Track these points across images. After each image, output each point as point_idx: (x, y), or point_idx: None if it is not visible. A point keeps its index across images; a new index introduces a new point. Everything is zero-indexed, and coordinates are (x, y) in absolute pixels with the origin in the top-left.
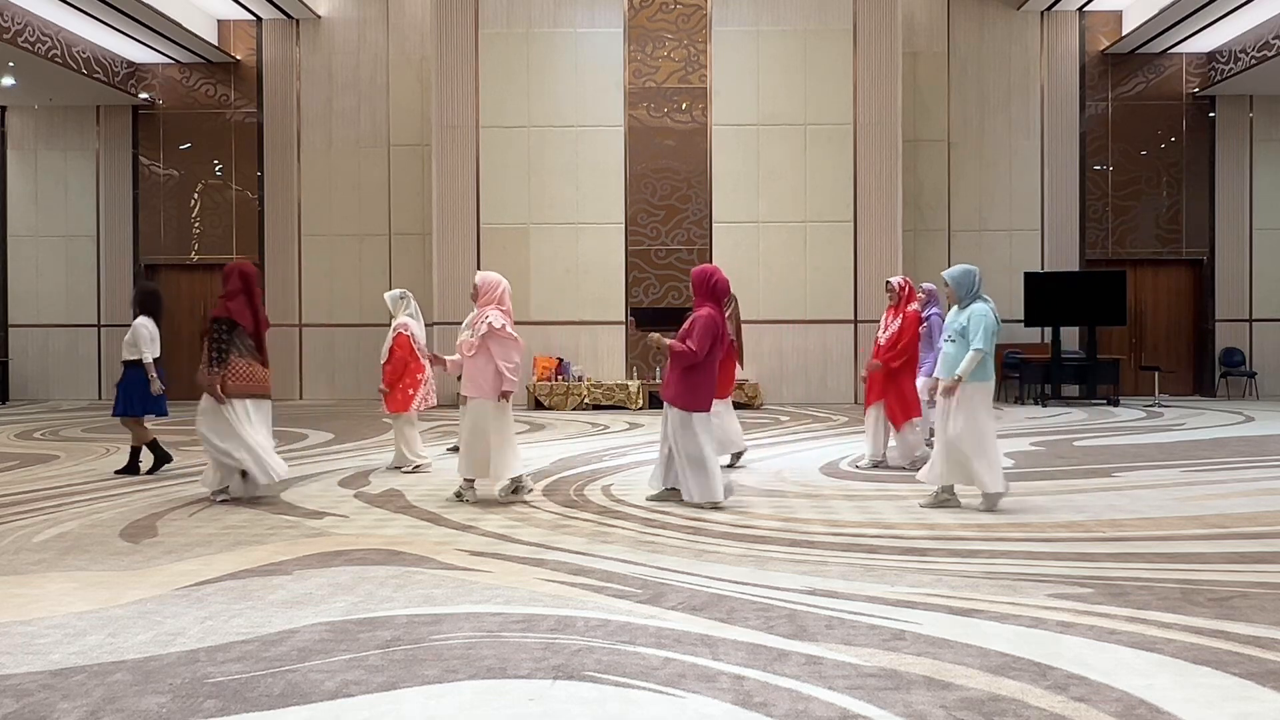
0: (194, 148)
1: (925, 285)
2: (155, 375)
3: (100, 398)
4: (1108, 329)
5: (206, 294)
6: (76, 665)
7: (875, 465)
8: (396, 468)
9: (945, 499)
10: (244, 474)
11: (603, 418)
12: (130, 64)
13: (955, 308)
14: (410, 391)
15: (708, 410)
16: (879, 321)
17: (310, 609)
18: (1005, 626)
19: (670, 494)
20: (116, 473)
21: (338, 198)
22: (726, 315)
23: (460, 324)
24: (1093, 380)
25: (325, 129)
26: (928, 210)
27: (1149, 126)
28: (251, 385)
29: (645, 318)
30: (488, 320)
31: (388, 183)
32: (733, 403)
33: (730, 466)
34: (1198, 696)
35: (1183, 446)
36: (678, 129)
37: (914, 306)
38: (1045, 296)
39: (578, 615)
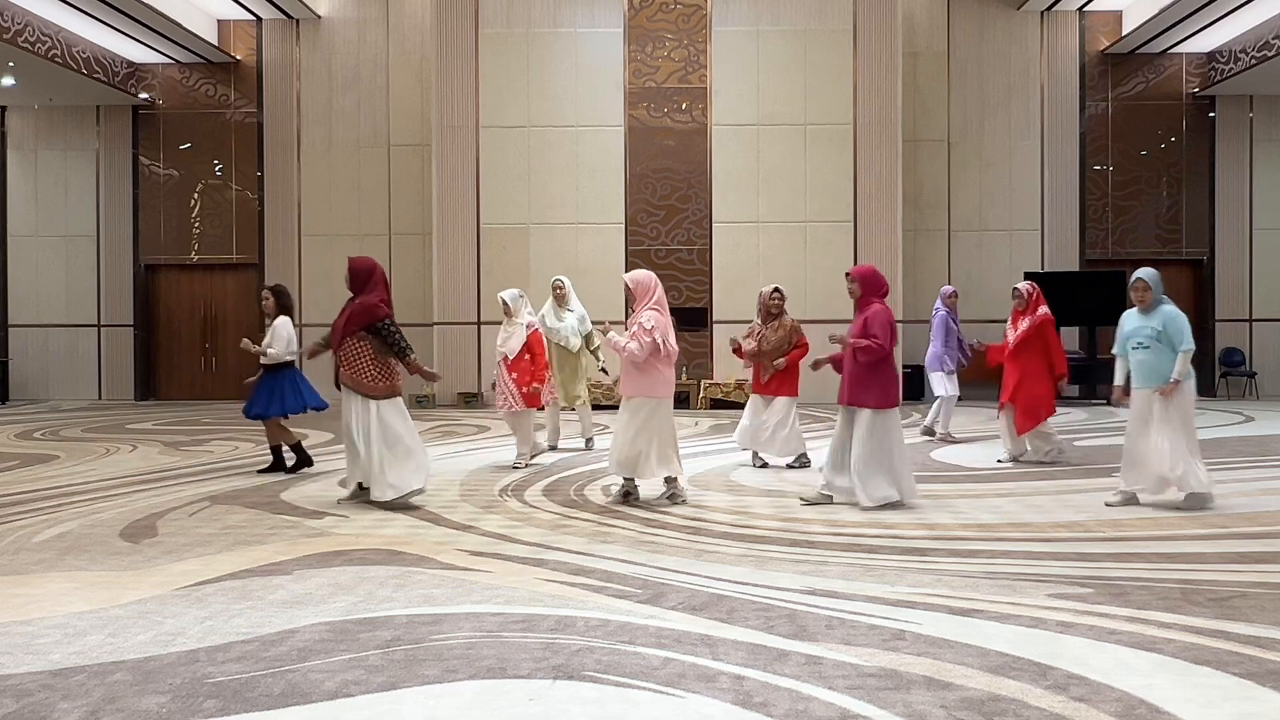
0: (194, 148)
1: (945, 288)
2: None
3: (100, 398)
4: (1108, 329)
5: (207, 294)
6: (76, 665)
7: (1015, 460)
8: (538, 453)
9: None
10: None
11: (603, 417)
12: (130, 64)
13: (1136, 310)
14: (539, 387)
15: (896, 405)
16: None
17: (310, 609)
18: (1005, 626)
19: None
20: (260, 471)
21: (338, 198)
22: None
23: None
24: (1093, 380)
25: (325, 129)
26: (928, 210)
27: (1149, 126)
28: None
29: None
30: (639, 322)
31: (388, 183)
32: (732, 403)
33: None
34: (1198, 696)
35: None
36: (678, 129)
37: (1044, 309)
38: (1045, 296)
39: (578, 615)
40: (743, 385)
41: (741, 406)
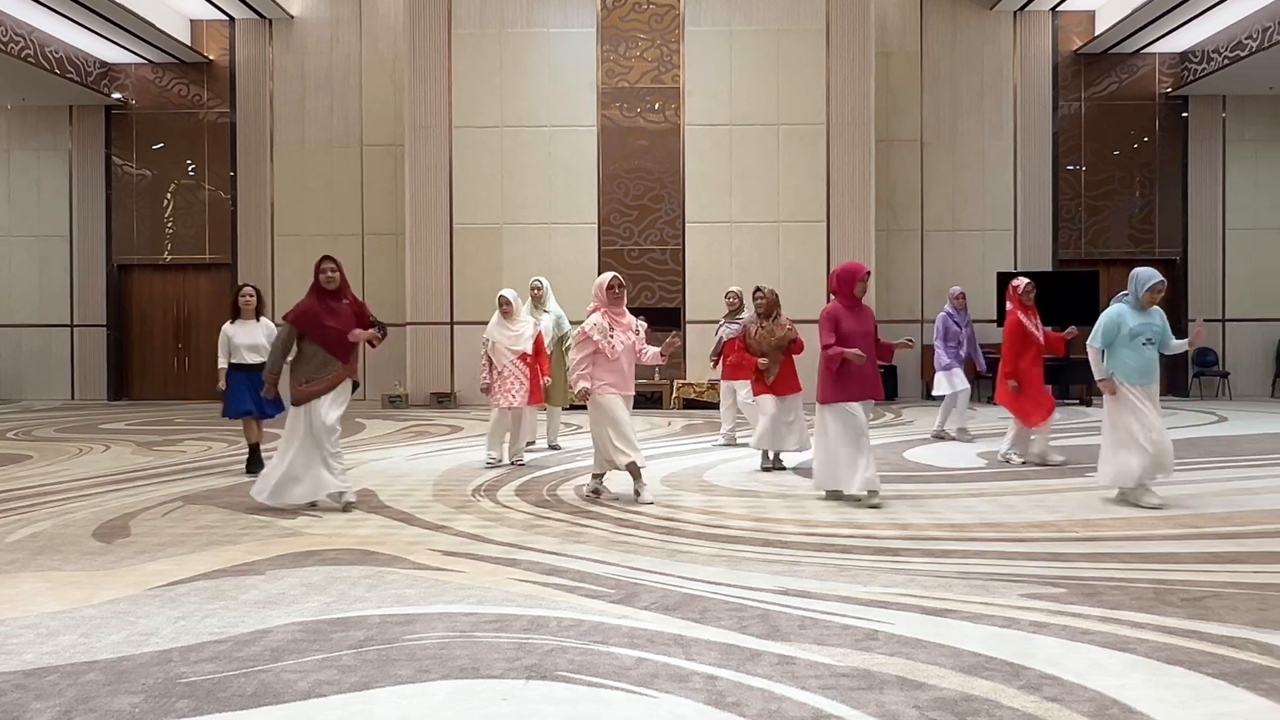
0: (167, 148)
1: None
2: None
3: (73, 398)
4: (1082, 328)
5: (180, 294)
6: (49, 665)
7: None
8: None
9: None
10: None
11: (575, 418)
12: (103, 64)
13: (1130, 308)
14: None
15: (835, 401)
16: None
17: (283, 609)
18: (978, 627)
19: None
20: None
21: (311, 198)
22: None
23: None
24: (1065, 380)
25: (298, 129)
26: (901, 210)
27: (1122, 126)
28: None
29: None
30: (639, 324)
31: (361, 183)
32: (704, 403)
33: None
34: (1170, 696)
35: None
36: (650, 129)
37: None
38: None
39: (551, 615)
40: (716, 386)
41: (713, 406)
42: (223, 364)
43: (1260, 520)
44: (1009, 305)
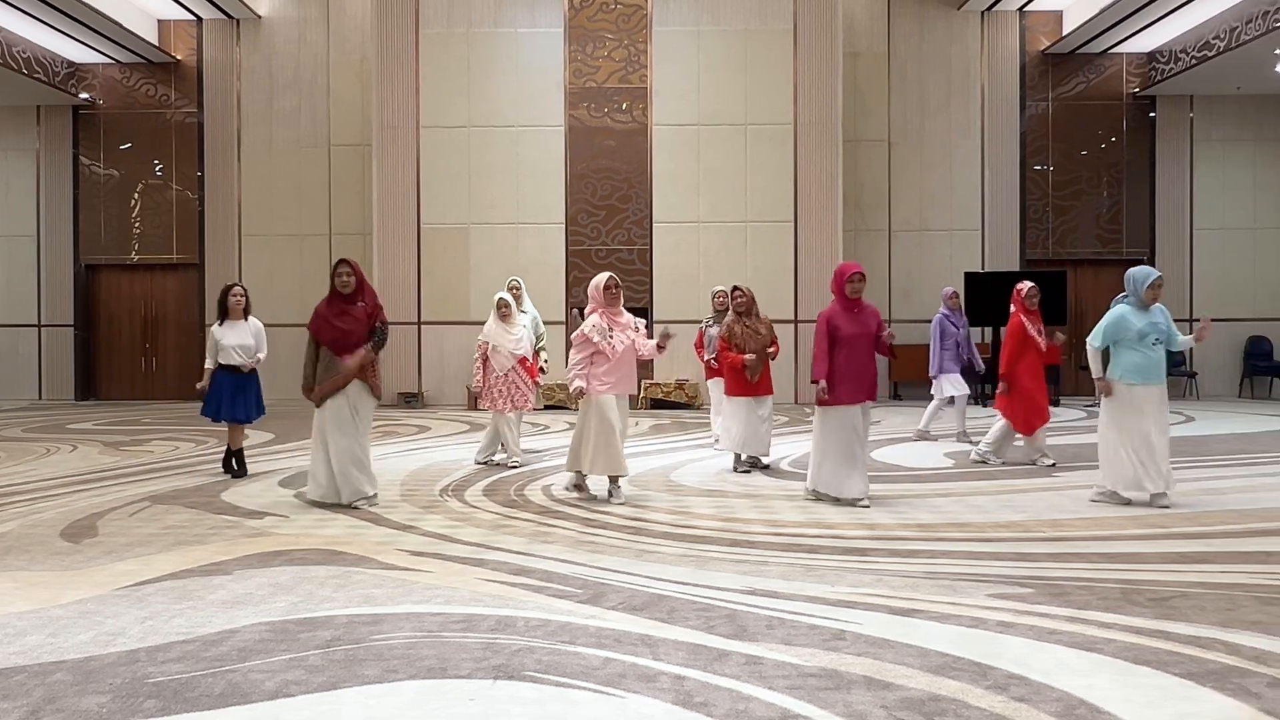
0: (134, 148)
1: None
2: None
3: (40, 398)
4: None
5: (147, 294)
6: (16, 665)
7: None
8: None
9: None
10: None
11: (544, 418)
12: (71, 64)
13: (1131, 308)
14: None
15: (830, 404)
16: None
17: (250, 609)
18: (945, 627)
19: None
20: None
21: (278, 198)
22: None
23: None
24: None
25: (266, 129)
26: (868, 210)
27: (1089, 127)
28: None
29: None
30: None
31: (328, 183)
32: (672, 402)
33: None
34: (1138, 696)
35: None
36: (618, 129)
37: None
38: (986, 296)
39: (518, 615)
40: (684, 385)
41: (681, 406)
42: (209, 365)
43: (1227, 520)
44: (1012, 308)
